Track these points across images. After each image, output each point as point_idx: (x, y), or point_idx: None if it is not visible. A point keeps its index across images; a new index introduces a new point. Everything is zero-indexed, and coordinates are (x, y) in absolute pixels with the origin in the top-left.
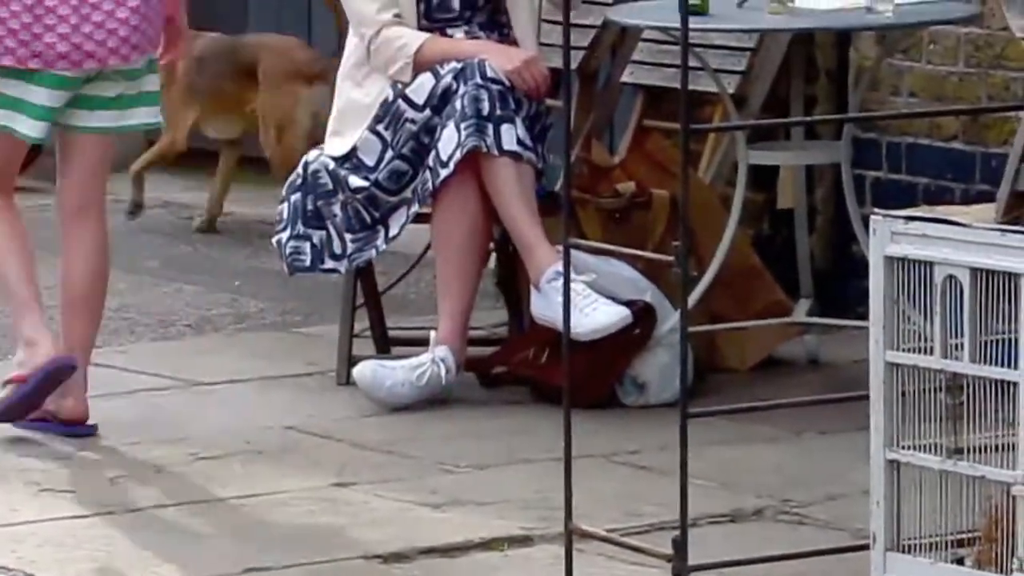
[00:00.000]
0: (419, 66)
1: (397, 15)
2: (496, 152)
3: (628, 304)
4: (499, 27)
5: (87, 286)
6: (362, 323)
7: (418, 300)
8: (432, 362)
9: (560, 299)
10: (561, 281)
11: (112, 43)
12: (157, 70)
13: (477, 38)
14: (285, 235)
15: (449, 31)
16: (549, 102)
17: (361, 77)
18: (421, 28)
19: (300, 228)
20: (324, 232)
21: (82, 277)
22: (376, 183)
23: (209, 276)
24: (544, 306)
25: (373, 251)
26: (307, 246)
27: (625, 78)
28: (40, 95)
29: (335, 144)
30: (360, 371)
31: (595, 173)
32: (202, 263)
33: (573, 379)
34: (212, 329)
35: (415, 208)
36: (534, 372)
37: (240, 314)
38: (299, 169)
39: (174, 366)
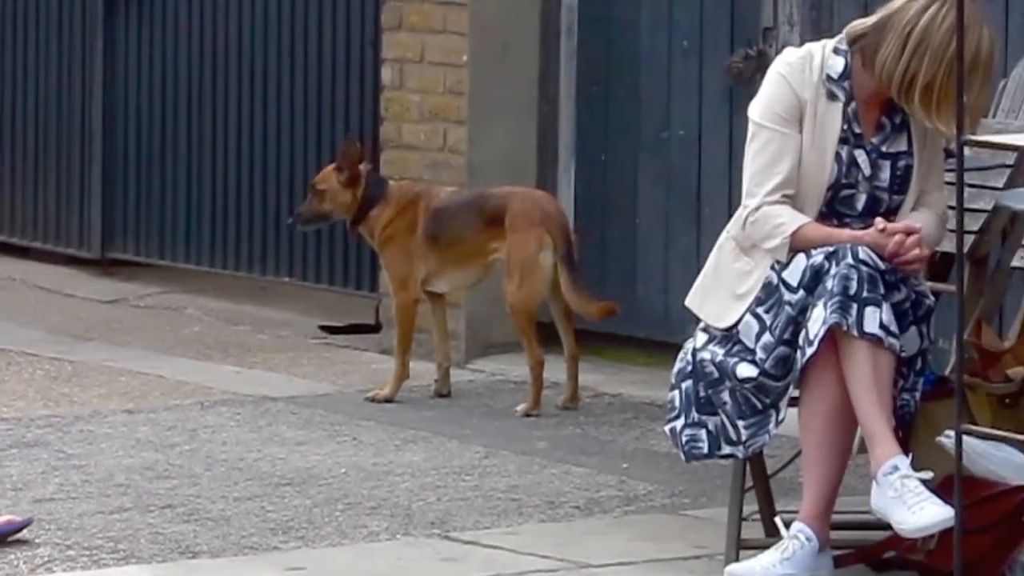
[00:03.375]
0: (795, 247)
1: (787, 195)
2: (855, 333)
3: (1018, 490)
4: None
5: None
6: (751, 506)
7: None
8: (791, 537)
9: (891, 494)
10: (895, 476)
11: None
12: None
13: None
14: (679, 423)
15: (847, 221)
16: (940, 286)
17: (747, 245)
18: (820, 215)
19: (695, 415)
20: (718, 418)
21: None
22: (764, 372)
23: (598, 457)
24: (878, 499)
25: (766, 436)
26: (703, 433)
27: (1016, 263)
28: None
29: (707, 308)
30: (730, 571)
31: (985, 358)
32: (590, 444)
33: (963, 565)
34: (600, 511)
35: (792, 389)
36: (923, 557)
37: (628, 496)
38: (687, 356)
39: (562, 548)
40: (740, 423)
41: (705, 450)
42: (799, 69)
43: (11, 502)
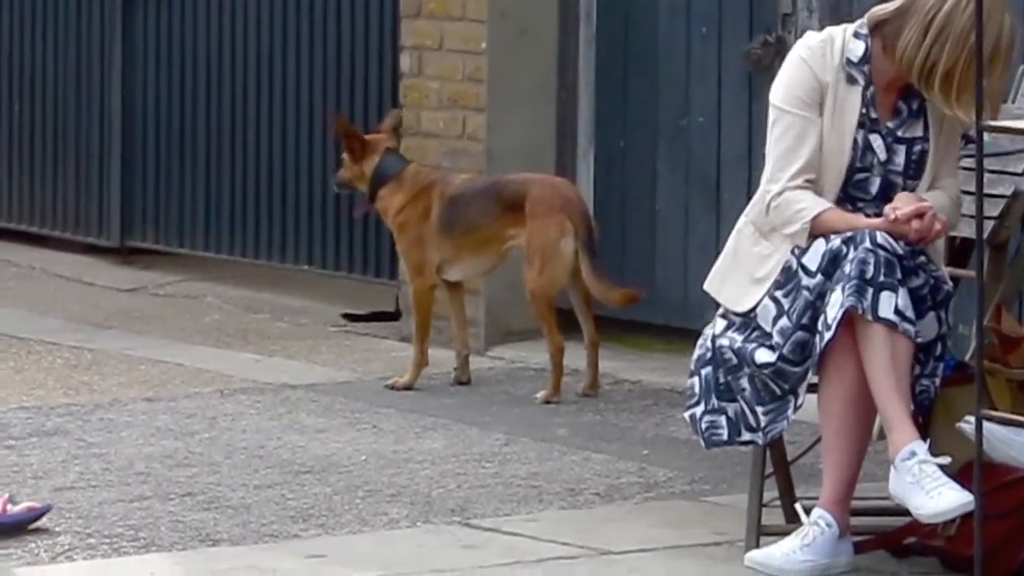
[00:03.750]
0: (815, 232)
1: (810, 180)
2: (870, 317)
3: None
4: None
5: None
6: (771, 492)
7: None
8: (811, 524)
9: (909, 479)
10: (912, 461)
11: None
12: None
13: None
14: (699, 409)
15: (860, 205)
16: (960, 272)
17: (767, 229)
18: (836, 199)
19: (714, 402)
20: (738, 404)
21: None
22: (782, 357)
23: (618, 444)
24: (897, 484)
25: (785, 422)
26: (723, 419)
27: None
28: None
29: (726, 291)
30: (750, 557)
31: (1005, 343)
32: (610, 431)
33: (983, 551)
34: (621, 498)
35: (810, 374)
36: (944, 543)
37: (649, 483)
38: (706, 343)
39: (582, 534)
40: (759, 409)
41: (725, 437)
42: (820, 53)
43: (32, 490)
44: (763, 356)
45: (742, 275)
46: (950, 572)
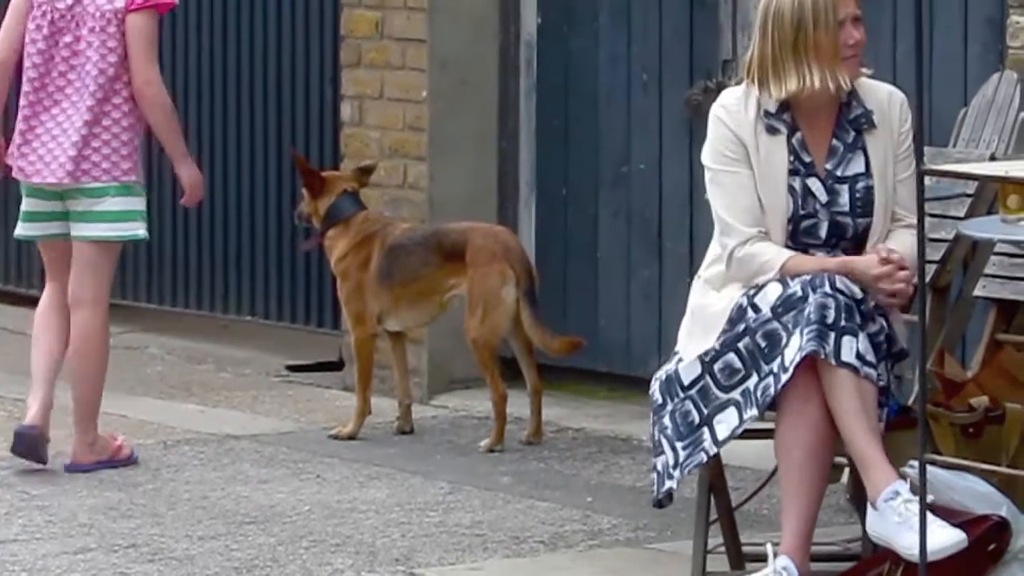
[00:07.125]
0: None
1: (762, 231)
2: (833, 362)
3: (983, 519)
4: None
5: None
6: (716, 539)
7: (771, 516)
8: (774, 573)
9: (896, 519)
10: (897, 501)
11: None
12: (127, 193)
13: None
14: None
15: (811, 252)
16: (903, 316)
17: (720, 284)
18: (786, 248)
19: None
20: (664, 457)
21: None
22: (710, 372)
23: (562, 492)
24: (879, 525)
25: (703, 455)
26: (653, 475)
27: (977, 292)
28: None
29: (691, 347)
30: None
31: (948, 387)
32: (554, 479)
33: None
34: (565, 545)
35: (750, 414)
36: None
37: (593, 530)
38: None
39: None
40: (678, 444)
41: (656, 494)
42: (735, 110)
43: None
44: (690, 374)
45: (700, 328)
46: None
